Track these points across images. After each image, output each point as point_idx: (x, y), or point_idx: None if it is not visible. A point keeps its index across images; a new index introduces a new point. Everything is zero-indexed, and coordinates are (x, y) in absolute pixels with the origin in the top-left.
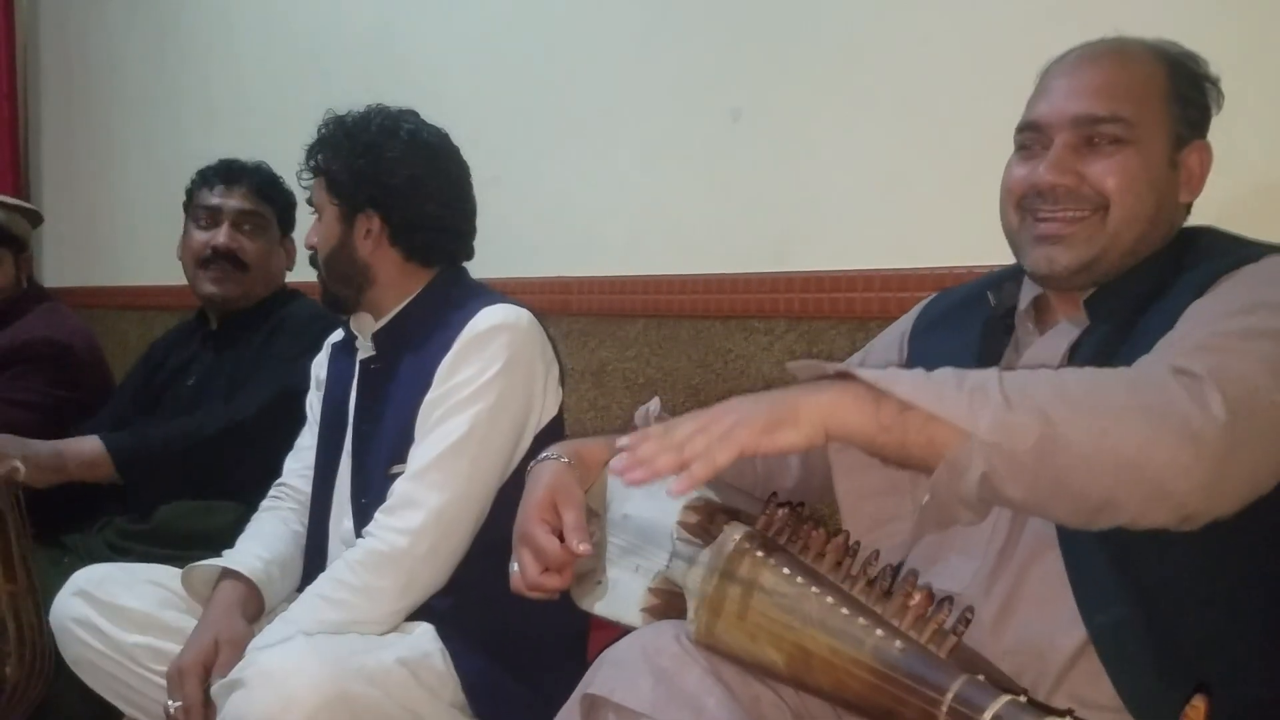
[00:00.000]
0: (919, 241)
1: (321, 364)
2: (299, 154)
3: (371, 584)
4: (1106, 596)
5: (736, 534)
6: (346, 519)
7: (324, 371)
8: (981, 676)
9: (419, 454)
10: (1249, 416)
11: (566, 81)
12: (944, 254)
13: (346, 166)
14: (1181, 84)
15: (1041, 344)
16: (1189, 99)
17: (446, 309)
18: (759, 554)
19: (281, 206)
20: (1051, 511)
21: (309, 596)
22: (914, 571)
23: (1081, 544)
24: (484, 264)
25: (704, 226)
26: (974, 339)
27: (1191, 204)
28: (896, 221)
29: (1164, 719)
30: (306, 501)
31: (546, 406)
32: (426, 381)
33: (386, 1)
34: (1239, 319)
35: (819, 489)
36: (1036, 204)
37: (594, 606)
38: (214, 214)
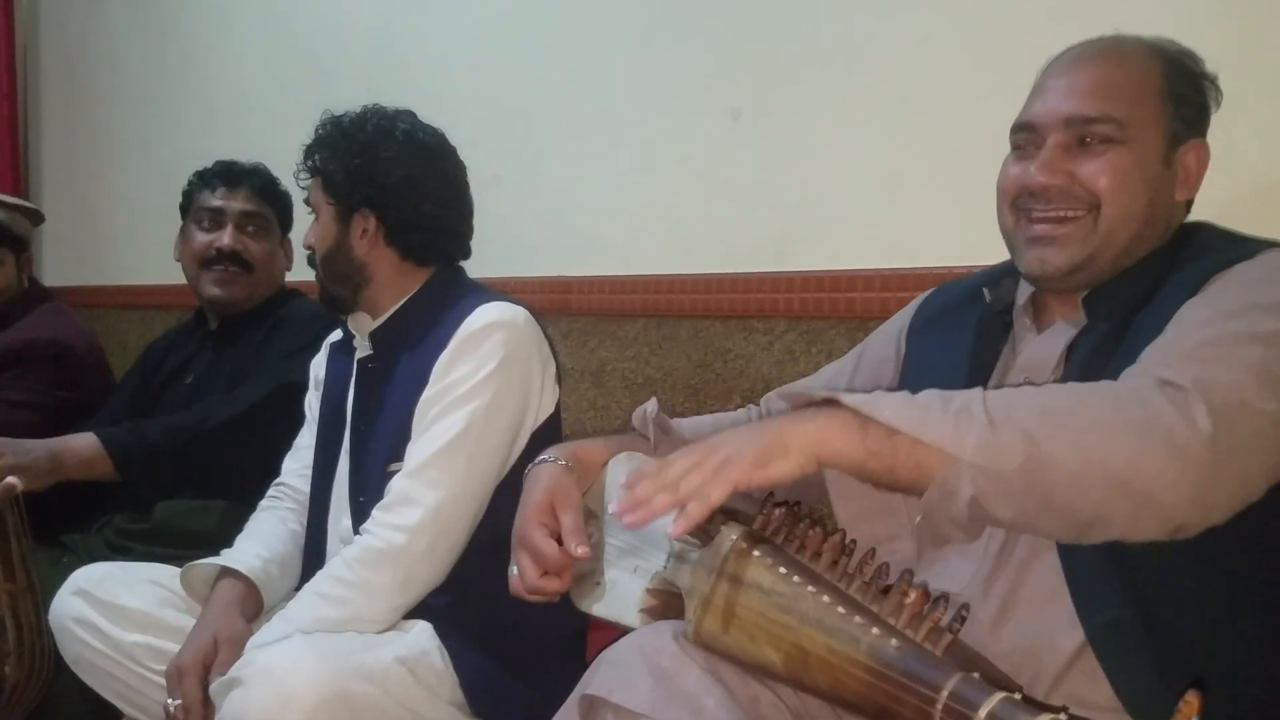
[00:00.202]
0: (919, 241)
1: (320, 363)
2: (299, 154)
3: (369, 581)
4: (1104, 597)
5: (734, 534)
6: (345, 517)
7: (322, 371)
8: (977, 674)
9: (416, 451)
10: (1235, 426)
11: (566, 81)
12: (944, 254)
13: (343, 166)
14: (1178, 82)
15: (1038, 343)
16: (1185, 97)
17: (443, 308)
18: (756, 553)
19: (281, 207)
20: (1043, 529)
21: (307, 594)
22: (910, 570)
23: (1079, 545)
24: (484, 264)
25: (704, 226)
26: (971, 338)
27: (1191, 202)
28: (896, 221)
29: (1162, 719)
30: (305, 501)
31: (543, 404)
32: (423, 380)
33: (386, 1)
34: (1230, 323)
35: (816, 488)
36: (1030, 204)
37: (593, 608)
38: (217, 215)
